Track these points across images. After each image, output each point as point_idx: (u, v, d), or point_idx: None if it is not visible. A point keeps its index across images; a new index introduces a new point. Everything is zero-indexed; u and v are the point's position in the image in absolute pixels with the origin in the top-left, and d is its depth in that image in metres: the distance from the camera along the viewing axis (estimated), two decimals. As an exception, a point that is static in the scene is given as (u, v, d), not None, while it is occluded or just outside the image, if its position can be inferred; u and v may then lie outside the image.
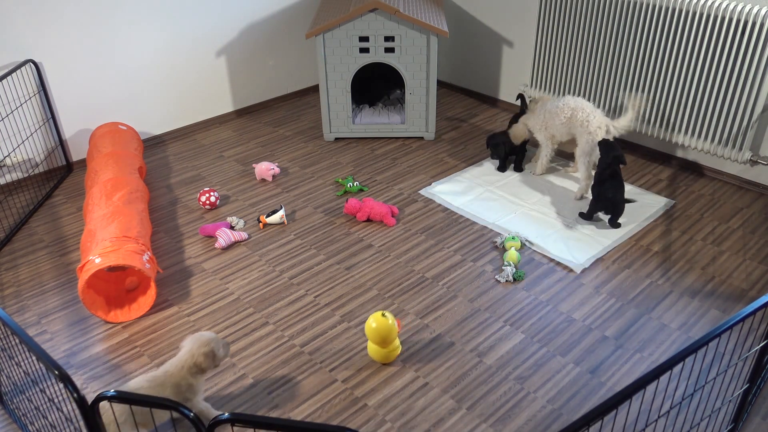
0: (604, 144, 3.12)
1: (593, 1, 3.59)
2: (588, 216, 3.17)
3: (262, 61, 4.40)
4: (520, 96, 3.78)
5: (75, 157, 3.83)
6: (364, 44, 3.68)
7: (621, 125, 3.19)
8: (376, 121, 4.04)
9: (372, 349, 2.37)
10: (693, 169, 3.63)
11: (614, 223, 3.12)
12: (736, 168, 3.46)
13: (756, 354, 1.83)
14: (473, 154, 3.86)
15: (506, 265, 2.84)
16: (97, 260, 2.51)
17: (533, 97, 3.70)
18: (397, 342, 2.39)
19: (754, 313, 1.65)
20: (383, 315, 2.31)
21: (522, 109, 3.73)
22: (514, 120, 3.70)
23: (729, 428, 2.07)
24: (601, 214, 3.20)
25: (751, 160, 3.30)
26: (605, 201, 3.05)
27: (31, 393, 2.29)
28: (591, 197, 3.15)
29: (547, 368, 2.37)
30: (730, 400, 2.20)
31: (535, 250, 3.00)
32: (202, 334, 2.10)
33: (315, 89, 4.80)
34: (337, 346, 2.49)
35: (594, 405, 2.22)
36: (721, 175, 3.52)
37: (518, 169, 3.64)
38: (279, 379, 2.36)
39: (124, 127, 3.65)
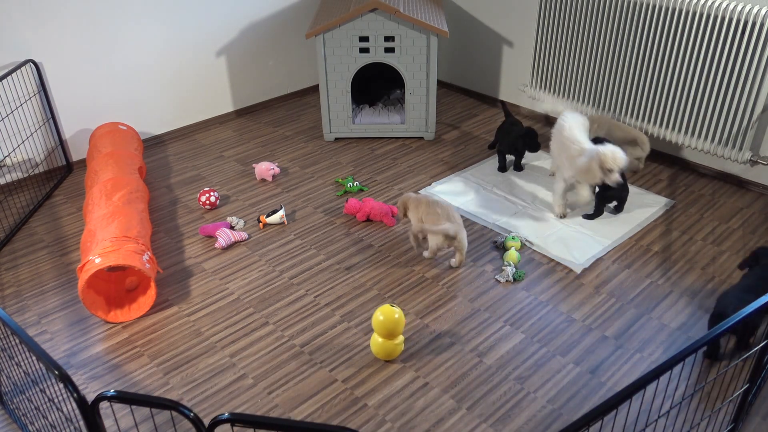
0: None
1: (593, 1, 3.59)
2: (596, 214, 3.18)
3: (262, 61, 4.40)
4: (501, 102, 3.83)
5: (75, 157, 3.83)
6: (364, 44, 3.68)
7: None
8: (376, 121, 4.04)
9: (376, 344, 2.37)
10: (693, 169, 3.63)
11: (620, 209, 3.17)
12: (736, 168, 3.46)
13: (756, 354, 1.83)
14: (473, 154, 3.86)
15: (506, 265, 2.84)
16: (97, 260, 2.51)
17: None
18: (402, 338, 2.39)
19: (753, 313, 1.65)
20: (391, 306, 2.32)
21: (506, 116, 3.73)
22: (501, 128, 3.66)
23: (729, 428, 2.07)
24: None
25: (751, 160, 3.30)
26: (612, 190, 3.07)
27: (31, 393, 2.29)
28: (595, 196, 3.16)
29: (547, 368, 2.37)
30: (730, 400, 2.20)
31: (535, 250, 3.00)
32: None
33: (315, 89, 4.80)
34: (337, 346, 2.49)
35: (594, 405, 2.22)
36: (721, 175, 3.52)
37: (518, 168, 3.65)
38: (279, 379, 2.36)
39: (124, 127, 3.65)
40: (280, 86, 4.61)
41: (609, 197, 3.12)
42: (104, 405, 2.24)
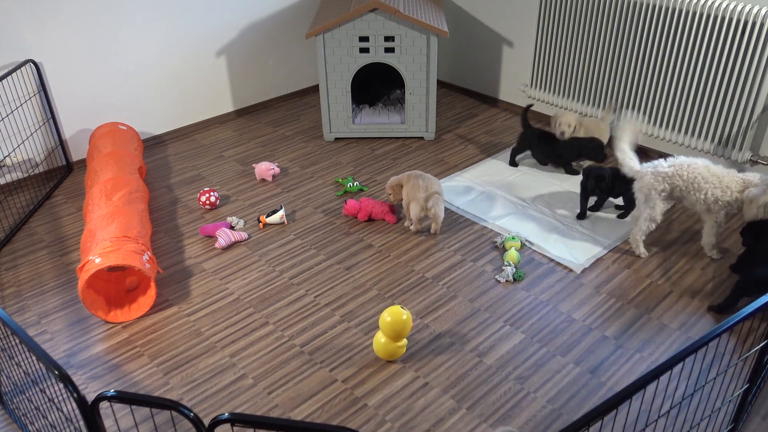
0: (586, 172, 3.19)
1: (593, 1, 3.59)
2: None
3: (262, 61, 4.40)
4: (525, 109, 3.61)
5: (75, 157, 3.83)
6: (364, 44, 3.68)
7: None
8: (376, 121, 4.04)
9: (378, 343, 2.37)
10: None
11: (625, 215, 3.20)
12: (736, 168, 3.45)
13: (756, 354, 1.83)
14: (473, 154, 3.86)
15: (506, 265, 2.84)
16: (97, 260, 2.51)
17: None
18: (405, 341, 2.40)
19: (754, 313, 1.65)
20: (402, 308, 2.32)
21: (527, 126, 3.56)
22: (541, 141, 3.53)
23: (729, 428, 2.07)
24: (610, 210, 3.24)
25: (751, 160, 3.30)
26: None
27: (31, 393, 2.29)
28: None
29: (547, 368, 2.37)
30: (730, 400, 2.20)
31: (535, 250, 3.00)
32: None
33: (315, 89, 4.80)
34: (337, 346, 2.49)
35: (594, 405, 2.22)
36: (721, 175, 3.52)
37: (575, 172, 3.61)
38: (279, 379, 2.36)
39: (124, 127, 3.65)
40: (280, 86, 4.61)
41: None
42: (104, 405, 2.24)
